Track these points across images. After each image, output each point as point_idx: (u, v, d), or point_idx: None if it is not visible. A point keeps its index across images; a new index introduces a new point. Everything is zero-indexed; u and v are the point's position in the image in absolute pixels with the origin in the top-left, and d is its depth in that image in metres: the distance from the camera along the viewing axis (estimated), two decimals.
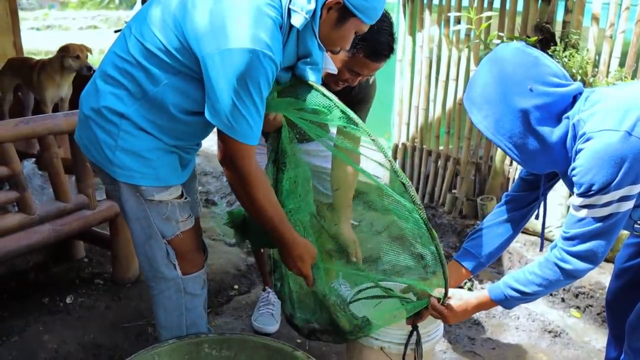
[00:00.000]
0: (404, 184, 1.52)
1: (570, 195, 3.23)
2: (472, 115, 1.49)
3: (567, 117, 1.42)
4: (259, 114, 1.48)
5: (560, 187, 3.11)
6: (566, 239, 1.48)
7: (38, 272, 2.87)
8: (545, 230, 3.33)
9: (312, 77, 1.62)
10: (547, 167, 1.52)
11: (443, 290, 1.70)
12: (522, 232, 3.31)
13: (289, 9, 1.49)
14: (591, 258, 1.46)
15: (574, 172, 1.41)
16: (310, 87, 1.61)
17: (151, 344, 1.81)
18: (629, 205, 1.39)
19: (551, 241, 3.19)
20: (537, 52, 1.45)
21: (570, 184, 1.53)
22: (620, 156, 1.33)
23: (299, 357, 1.70)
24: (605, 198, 1.37)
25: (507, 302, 1.62)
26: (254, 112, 1.46)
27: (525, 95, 1.38)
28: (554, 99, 1.39)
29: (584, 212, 1.42)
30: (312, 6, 1.47)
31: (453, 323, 1.72)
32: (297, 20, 1.48)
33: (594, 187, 1.37)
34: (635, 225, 1.59)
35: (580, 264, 1.47)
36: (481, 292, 1.69)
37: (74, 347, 2.31)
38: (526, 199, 1.78)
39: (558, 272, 1.51)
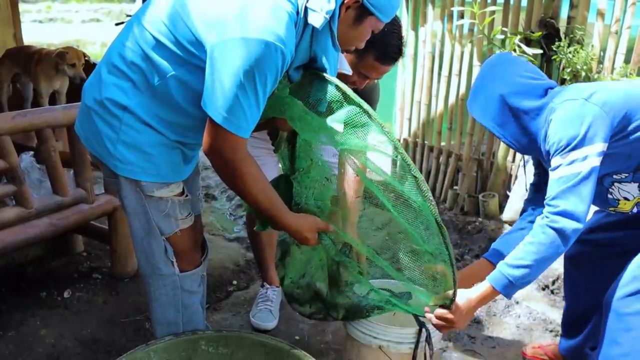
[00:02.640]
0: (415, 177, 1.48)
1: None
2: (469, 105, 1.80)
3: (542, 105, 1.69)
4: (259, 107, 1.45)
5: None
6: (550, 200, 1.62)
7: (36, 266, 2.86)
8: None
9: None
10: (527, 147, 1.75)
11: (447, 296, 1.65)
12: None
13: (305, 7, 1.46)
14: (575, 215, 1.57)
15: (547, 140, 1.65)
16: (325, 81, 1.58)
17: (149, 339, 1.80)
18: (595, 162, 1.57)
19: None
20: (518, 57, 1.89)
21: (548, 162, 1.72)
22: (581, 116, 1.58)
23: (297, 354, 1.69)
24: (574, 154, 1.57)
25: (511, 287, 1.63)
26: (254, 105, 1.43)
27: (504, 84, 1.71)
28: (527, 88, 1.70)
29: (559, 171, 1.60)
30: (332, 6, 1.44)
31: (462, 327, 1.71)
32: (317, 20, 1.45)
33: (562, 143, 1.59)
34: (609, 196, 1.77)
35: (567, 222, 1.58)
36: (481, 284, 1.69)
37: (71, 342, 2.30)
38: (541, 201, 1.81)
39: (551, 233, 1.59)
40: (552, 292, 2.82)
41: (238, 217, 3.74)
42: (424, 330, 1.77)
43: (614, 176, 1.72)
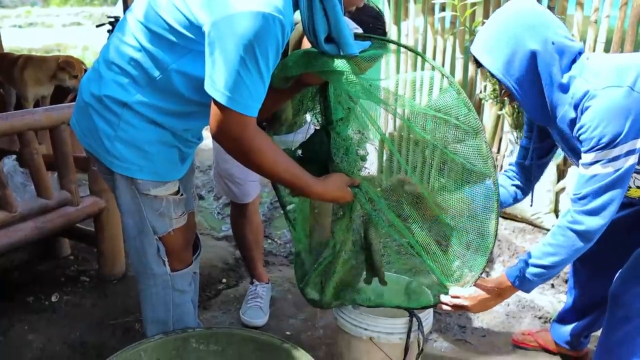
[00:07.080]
0: (485, 143, 1.52)
1: (558, 181, 3.24)
2: (482, 60, 1.57)
3: (571, 77, 1.52)
4: (263, 83, 1.39)
5: (548, 174, 3.10)
6: (578, 199, 1.54)
7: (22, 270, 2.83)
8: (534, 217, 3.35)
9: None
10: (539, 115, 1.61)
11: (469, 278, 1.68)
12: (511, 219, 3.32)
13: None
14: (604, 213, 1.51)
15: (581, 130, 1.50)
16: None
17: (139, 340, 1.78)
18: (634, 159, 1.48)
19: (540, 227, 3.21)
20: (543, 7, 1.59)
21: (561, 138, 1.63)
22: (627, 109, 1.44)
23: (288, 349, 1.69)
24: (614, 152, 1.46)
25: (528, 283, 1.63)
26: (258, 81, 1.37)
27: (539, 39, 1.49)
28: (563, 49, 1.50)
29: (594, 169, 1.50)
30: None
31: (475, 312, 1.74)
32: None
33: (604, 140, 1.46)
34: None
35: (592, 221, 1.52)
36: (499, 278, 1.72)
37: (60, 346, 2.27)
38: (528, 173, 1.88)
39: (572, 235, 1.55)
40: None
41: (226, 216, 3.73)
42: (414, 319, 1.78)
43: (636, 166, 1.59)
